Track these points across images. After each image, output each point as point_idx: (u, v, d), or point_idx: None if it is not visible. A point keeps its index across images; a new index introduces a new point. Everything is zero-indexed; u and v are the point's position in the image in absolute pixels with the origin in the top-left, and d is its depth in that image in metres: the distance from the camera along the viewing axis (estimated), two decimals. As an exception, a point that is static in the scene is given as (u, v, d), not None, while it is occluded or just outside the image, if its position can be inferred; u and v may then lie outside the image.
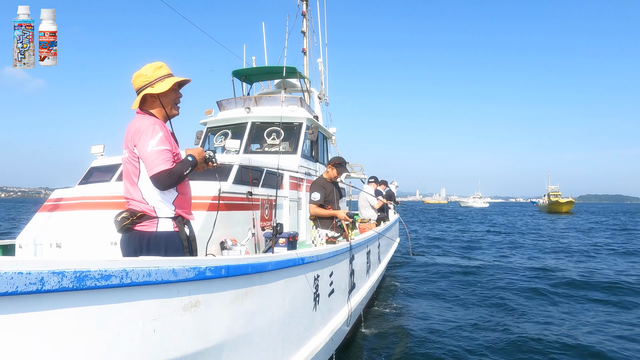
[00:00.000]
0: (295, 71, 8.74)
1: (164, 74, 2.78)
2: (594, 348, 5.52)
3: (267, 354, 2.95)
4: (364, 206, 8.88)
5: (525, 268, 11.64)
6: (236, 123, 7.50)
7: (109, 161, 5.19)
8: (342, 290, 4.83)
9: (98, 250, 3.83)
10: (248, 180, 4.93)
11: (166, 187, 2.62)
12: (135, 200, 2.71)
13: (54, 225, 4.21)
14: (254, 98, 7.78)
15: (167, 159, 2.60)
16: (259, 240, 4.98)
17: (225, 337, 2.43)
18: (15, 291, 1.40)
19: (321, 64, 11.99)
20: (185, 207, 2.84)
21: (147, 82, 2.74)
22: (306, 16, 11.53)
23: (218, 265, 2.27)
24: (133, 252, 2.66)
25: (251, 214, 4.90)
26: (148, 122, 2.68)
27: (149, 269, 1.84)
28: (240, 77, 9.11)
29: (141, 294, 1.85)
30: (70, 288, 1.55)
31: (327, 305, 4.23)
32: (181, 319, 2.07)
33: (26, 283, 1.43)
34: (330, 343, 4.34)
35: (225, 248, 4.17)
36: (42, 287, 1.47)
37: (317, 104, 10.70)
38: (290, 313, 3.27)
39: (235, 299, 2.51)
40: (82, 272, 1.59)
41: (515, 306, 7.76)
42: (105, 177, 4.94)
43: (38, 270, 1.46)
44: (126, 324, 1.81)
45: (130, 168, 2.73)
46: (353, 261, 5.21)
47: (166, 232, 2.69)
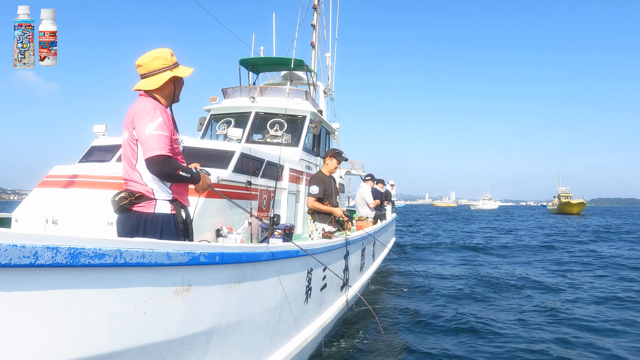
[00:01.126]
0: (303, 64, 8.71)
1: (176, 60, 2.83)
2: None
3: (255, 343, 2.96)
4: (360, 204, 8.89)
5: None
6: (240, 112, 7.48)
7: (110, 141, 5.17)
8: (334, 285, 4.84)
9: (94, 229, 3.83)
10: (248, 170, 4.93)
11: (158, 172, 2.61)
12: (133, 182, 2.71)
13: (51, 201, 4.21)
14: (259, 88, 7.75)
15: (164, 145, 2.59)
16: (255, 231, 4.99)
17: (215, 324, 2.44)
18: (8, 263, 1.40)
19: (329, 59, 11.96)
20: (182, 193, 2.85)
21: (166, 65, 2.76)
22: (317, 9, 11.48)
23: (212, 252, 2.28)
24: (129, 231, 2.66)
25: (249, 203, 4.90)
26: (150, 105, 2.68)
27: (143, 251, 1.84)
28: (247, 66, 9.07)
29: (134, 275, 1.85)
30: (63, 264, 1.55)
31: (318, 299, 4.24)
32: (172, 302, 2.08)
33: (20, 256, 1.43)
34: (320, 336, 4.36)
35: (220, 235, 4.17)
36: (36, 261, 1.47)
37: (322, 98, 10.68)
38: (282, 305, 3.28)
39: (228, 286, 2.51)
40: (77, 249, 1.59)
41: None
42: (105, 157, 4.93)
43: (32, 244, 1.46)
44: (117, 303, 1.81)
45: (129, 150, 2.73)
46: (348, 257, 5.22)
47: (163, 214, 2.70)
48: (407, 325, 6.39)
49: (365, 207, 8.77)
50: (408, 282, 9.84)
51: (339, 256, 4.93)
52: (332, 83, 12.04)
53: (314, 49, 11.59)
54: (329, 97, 11.75)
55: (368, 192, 8.90)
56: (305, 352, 4.01)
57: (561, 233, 25.84)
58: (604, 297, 8.60)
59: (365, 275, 6.99)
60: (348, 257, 5.25)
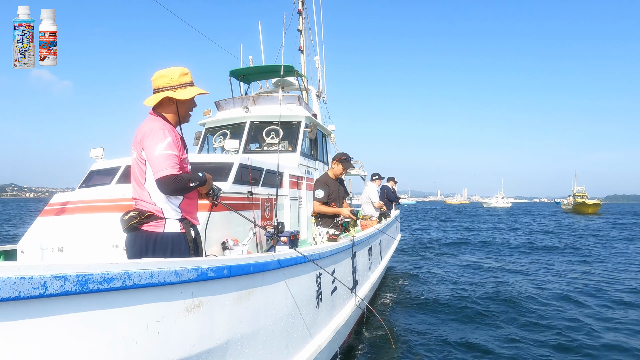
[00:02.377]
0: (293, 69, 8.72)
1: (187, 81, 2.81)
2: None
3: (271, 352, 2.96)
4: (365, 202, 8.88)
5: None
6: (235, 123, 7.49)
7: (108, 164, 5.18)
8: (345, 287, 4.83)
9: (100, 254, 3.83)
10: (248, 180, 4.93)
11: (170, 192, 2.63)
12: (143, 201, 2.72)
13: (55, 229, 4.21)
14: (252, 97, 7.76)
15: (174, 165, 2.61)
16: (260, 240, 4.98)
17: (229, 337, 2.44)
18: (18, 296, 1.41)
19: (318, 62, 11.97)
20: (191, 212, 2.86)
21: (169, 85, 2.76)
22: (302, 14, 11.50)
23: (220, 266, 2.27)
24: (139, 251, 2.67)
25: (252, 213, 4.90)
26: (158, 125, 2.69)
27: (152, 271, 1.84)
28: (237, 77, 9.09)
29: (144, 296, 1.85)
30: (73, 292, 1.55)
31: (330, 303, 4.24)
32: (185, 320, 2.07)
33: (29, 288, 1.43)
34: (335, 340, 4.35)
35: (227, 248, 4.17)
36: (45, 292, 1.47)
37: (315, 101, 10.69)
38: (294, 311, 3.28)
39: (238, 298, 2.51)
40: (85, 275, 1.59)
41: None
42: (105, 180, 4.94)
43: (40, 274, 1.46)
44: (130, 326, 1.81)
45: (138, 170, 2.75)
46: (355, 258, 5.22)
47: (173, 233, 2.70)
48: (419, 339, 6.20)
49: (370, 206, 8.76)
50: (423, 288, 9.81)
51: (346, 258, 4.93)
52: (324, 85, 12.06)
53: (302, 53, 11.61)
54: (322, 100, 11.76)
55: (374, 191, 8.90)
56: (322, 357, 4.00)
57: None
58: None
59: (374, 274, 6.98)
60: (355, 258, 5.25)
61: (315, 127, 7.69)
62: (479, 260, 13.34)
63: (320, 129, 8.42)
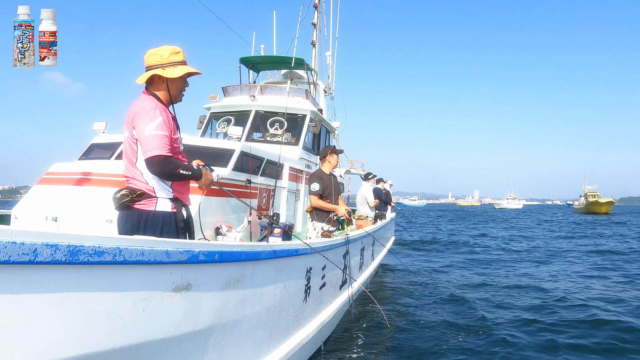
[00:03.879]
0: (303, 63, 8.70)
1: (178, 60, 2.79)
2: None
3: (254, 341, 2.96)
4: (361, 203, 8.88)
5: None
6: (240, 110, 7.48)
7: (110, 139, 5.17)
8: (333, 285, 4.84)
9: (93, 227, 3.83)
10: (248, 168, 4.93)
11: (158, 172, 2.63)
12: (134, 179, 2.73)
13: (51, 198, 4.21)
14: (259, 86, 7.75)
15: (163, 145, 2.60)
16: (254, 229, 4.99)
17: (214, 322, 2.44)
18: (7, 260, 1.40)
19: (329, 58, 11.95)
20: (183, 192, 2.86)
21: (159, 63, 2.75)
22: (318, 8, 11.46)
23: (211, 250, 2.28)
24: (130, 229, 2.68)
25: (249, 202, 4.90)
26: (150, 104, 2.68)
27: (143, 249, 1.84)
28: (247, 65, 9.07)
29: (133, 273, 1.85)
30: (62, 261, 1.55)
31: (317, 298, 4.25)
32: (171, 300, 2.08)
33: (19, 253, 1.43)
34: (319, 335, 4.36)
35: (220, 234, 4.17)
36: (35, 259, 1.47)
37: (323, 97, 10.67)
38: (280, 303, 3.28)
39: (227, 284, 2.52)
40: (76, 246, 1.59)
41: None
42: (105, 155, 4.93)
43: (32, 241, 1.46)
44: (116, 301, 1.81)
45: (129, 148, 2.75)
46: (347, 256, 5.22)
47: (164, 212, 2.71)
48: (410, 323, 6.36)
49: (366, 206, 8.76)
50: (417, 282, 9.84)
51: (338, 255, 4.93)
52: (333, 82, 12.04)
53: (314, 47, 11.58)
54: (329, 96, 11.75)
55: (369, 191, 8.89)
56: (305, 350, 4.01)
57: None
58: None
59: (364, 275, 7.00)
60: (347, 256, 5.26)
61: (320, 122, 7.68)
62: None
63: (324, 124, 8.41)
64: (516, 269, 11.85)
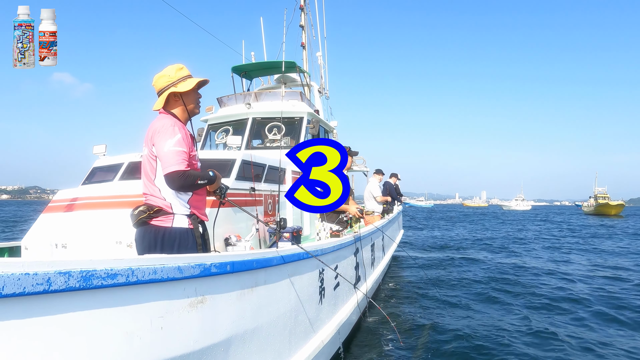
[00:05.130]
0: (295, 65, 8.71)
1: (185, 74, 2.88)
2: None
3: (274, 348, 2.97)
4: (368, 198, 8.88)
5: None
6: (237, 119, 7.49)
7: (111, 160, 5.19)
8: (348, 283, 4.84)
9: (103, 250, 3.85)
10: (250, 177, 4.93)
11: (178, 187, 2.69)
12: (153, 196, 2.78)
13: (58, 226, 4.22)
14: (254, 94, 7.76)
15: (182, 161, 2.67)
16: (264, 236, 4.99)
17: (232, 333, 2.45)
18: (22, 292, 1.41)
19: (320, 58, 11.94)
20: (200, 208, 2.91)
21: (170, 82, 2.84)
22: (304, 10, 11.47)
23: (223, 262, 2.28)
24: (147, 246, 2.72)
25: (254, 209, 4.90)
26: (169, 122, 2.76)
27: (155, 267, 1.84)
28: (239, 73, 9.09)
29: (147, 292, 1.86)
30: (77, 288, 1.56)
31: (332, 299, 4.25)
32: (188, 315, 2.08)
33: (33, 284, 1.44)
34: (337, 336, 4.36)
35: (229, 244, 4.18)
36: (49, 288, 1.48)
37: (318, 97, 10.67)
38: (296, 307, 3.29)
39: (241, 294, 2.52)
40: (88, 271, 1.60)
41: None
42: (108, 177, 4.95)
43: (45, 270, 1.47)
44: (134, 321, 1.82)
45: (148, 166, 2.82)
46: (358, 254, 5.22)
47: (181, 228, 2.76)
48: (425, 335, 6.16)
49: (373, 201, 8.75)
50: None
51: (349, 254, 4.93)
52: (326, 82, 12.03)
53: (304, 49, 11.59)
54: (324, 96, 11.74)
55: (376, 186, 8.88)
56: (325, 352, 4.01)
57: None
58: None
59: (377, 270, 6.99)
60: (359, 254, 5.25)
61: (318, 123, 7.68)
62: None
63: (322, 125, 8.41)
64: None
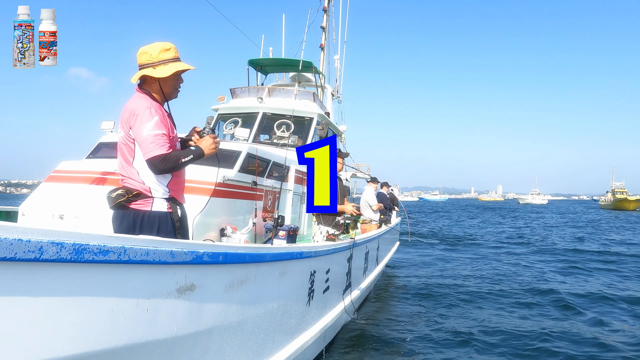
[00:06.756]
0: (312, 66, 8.72)
1: (169, 57, 2.72)
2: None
3: (256, 344, 2.96)
4: (364, 207, 8.86)
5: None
6: (247, 112, 7.50)
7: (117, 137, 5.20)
8: (337, 289, 4.83)
9: (99, 225, 3.85)
10: (254, 170, 4.93)
11: (161, 171, 2.64)
12: (131, 179, 2.72)
13: (58, 196, 4.23)
14: (267, 89, 7.77)
15: (163, 144, 2.61)
16: (259, 231, 4.99)
17: (217, 323, 2.44)
18: (13, 257, 1.41)
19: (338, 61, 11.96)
20: (178, 190, 2.86)
21: (149, 62, 2.70)
22: (327, 12, 11.48)
23: (216, 252, 2.28)
24: (126, 229, 2.68)
25: (254, 203, 4.91)
26: (144, 104, 2.66)
27: (147, 249, 1.84)
28: (255, 67, 9.10)
29: (137, 273, 1.86)
30: (67, 260, 1.56)
31: (321, 302, 4.24)
32: (175, 301, 2.08)
33: (25, 250, 1.44)
34: (321, 339, 4.35)
35: (224, 235, 4.18)
36: (41, 256, 1.48)
37: (330, 100, 10.68)
38: (284, 306, 3.28)
39: (230, 286, 2.51)
40: (81, 244, 1.59)
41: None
42: (112, 153, 4.94)
43: (38, 239, 1.47)
44: (120, 300, 1.82)
45: (125, 148, 2.74)
46: (351, 260, 5.21)
47: (160, 212, 2.71)
48: (413, 335, 6.30)
49: (369, 210, 8.73)
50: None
51: (342, 259, 4.92)
52: (341, 85, 12.05)
53: (322, 51, 11.60)
54: (336, 100, 11.75)
55: (371, 194, 8.86)
56: (307, 354, 3.99)
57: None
58: None
59: (368, 279, 6.97)
60: (352, 260, 5.24)
61: (327, 125, 7.68)
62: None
63: (331, 127, 8.41)
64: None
